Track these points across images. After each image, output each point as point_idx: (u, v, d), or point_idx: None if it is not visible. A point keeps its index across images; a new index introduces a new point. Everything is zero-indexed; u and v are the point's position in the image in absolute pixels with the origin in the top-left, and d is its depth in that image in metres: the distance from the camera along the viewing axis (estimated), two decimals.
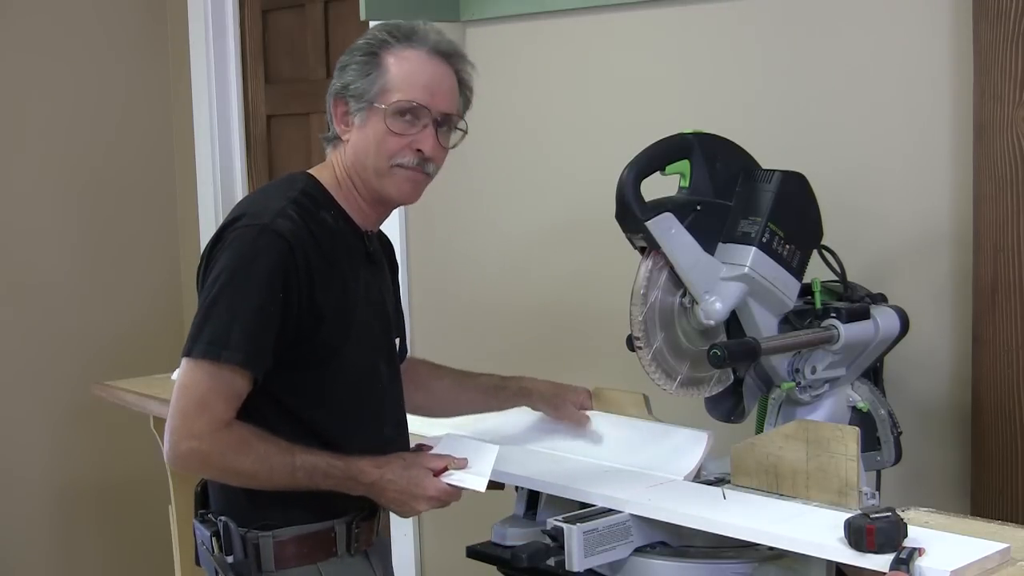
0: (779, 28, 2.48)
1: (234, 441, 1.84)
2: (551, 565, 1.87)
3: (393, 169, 1.95)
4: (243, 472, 1.86)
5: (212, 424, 1.83)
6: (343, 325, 1.93)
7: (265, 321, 1.84)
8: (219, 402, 1.83)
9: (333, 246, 1.93)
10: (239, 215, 1.91)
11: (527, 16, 2.90)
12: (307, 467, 1.86)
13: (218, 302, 1.85)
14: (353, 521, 1.98)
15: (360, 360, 1.97)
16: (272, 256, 1.84)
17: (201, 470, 1.92)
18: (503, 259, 3.05)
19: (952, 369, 2.26)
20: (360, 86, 1.94)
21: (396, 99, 1.92)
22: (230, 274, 1.85)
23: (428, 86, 1.94)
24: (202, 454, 1.84)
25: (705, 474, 2.07)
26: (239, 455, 1.84)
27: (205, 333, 1.84)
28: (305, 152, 3.74)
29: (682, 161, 1.96)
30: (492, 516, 2.12)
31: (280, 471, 1.85)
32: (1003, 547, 1.66)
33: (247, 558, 1.92)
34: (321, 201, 1.96)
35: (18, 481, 3.82)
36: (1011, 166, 2.09)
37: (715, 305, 1.95)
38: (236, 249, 1.86)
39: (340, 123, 1.98)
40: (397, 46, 1.95)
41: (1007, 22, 2.08)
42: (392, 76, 1.93)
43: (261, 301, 1.84)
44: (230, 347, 1.82)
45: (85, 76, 3.92)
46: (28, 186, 3.82)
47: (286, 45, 3.80)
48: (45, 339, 3.85)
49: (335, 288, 1.91)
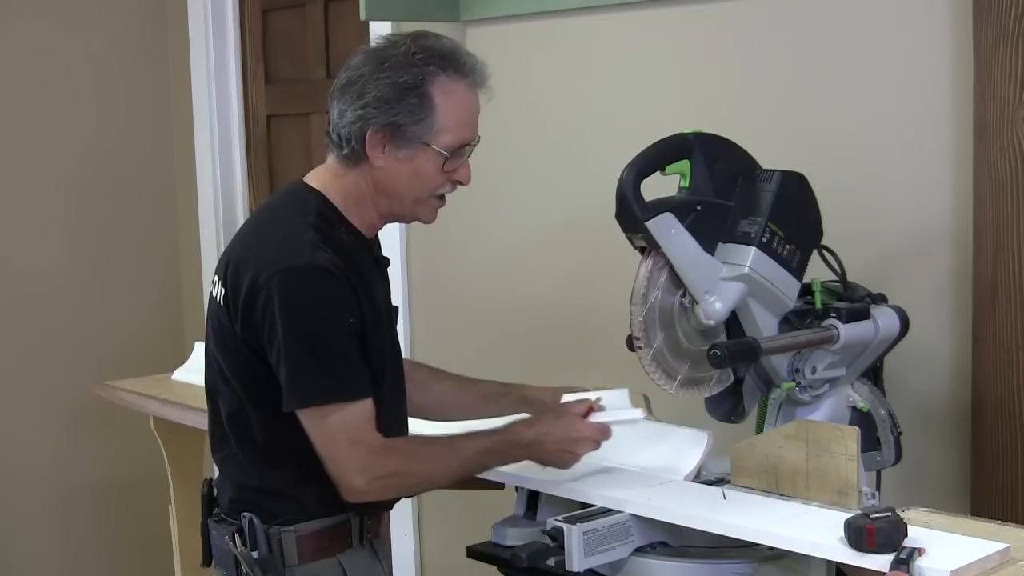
0: (779, 28, 2.48)
1: (405, 457, 1.94)
2: (551, 565, 1.87)
3: (431, 199, 1.97)
4: (420, 483, 2.01)
5: (373, 451, 1.89)
6: (381, 344, 1.97)
7: (353, 350, 1.89)
8: (367, 432, 1.89)
9: (354, 265, 1.93)
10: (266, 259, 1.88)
11: (527, 16, 2.90)
12: (473, 454, 1.95)
13: (303, 351, 1.86)
14: (366, 512, 2.01)
15: (383, 368, 1.98)
16: (329, 290, 1.86)
17: (381, 493, 1.96)
18: (503, 259, 3.05)
19: (952, 369, 2.26)
20: (416, 130, 1.90)
21: (448, 141, 1.92)
22: (300, 317, 1.86)
23: (472, 122, 1.96)
24: (381, 479, 1.91)
25: (705, 474, 2.07)
26: (414, 469, 1.94)
27: (315, 382, 1.86)
28: (305, 152, 3.74)
29: (682, 161, 1.96)
30: (492, 516, 2.12)
31: (451, 469, 1.96)
32: (1003, 547, 1.65)
33: (271, 553, 1.95)
34: (333, 220, 1.95)
35: (18, 481, 3.82)
36: (1011, 166, 2.09)
37: (715, 305, 1.95)
38: (293, 292, 1.86)
39: (375, 150, 1.92)
40: (443, 78, 1.90)
41: (1007, 22, 2.07)
42: (442, 115, 1.90)
43: (341, 333, 1.87)
44: (347, 385, 1.88)
45: (85, 76, 3.92)
46: (28, 186, 3.82)
47: (286, 45, 3.80)
48: (45, 339, 3.85)
49: (368, 308, 1.93)
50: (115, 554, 4.02)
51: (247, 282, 1.89)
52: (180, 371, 3.08)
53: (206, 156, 3.93)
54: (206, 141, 3.92)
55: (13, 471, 3.80)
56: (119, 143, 4.00)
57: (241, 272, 1.91)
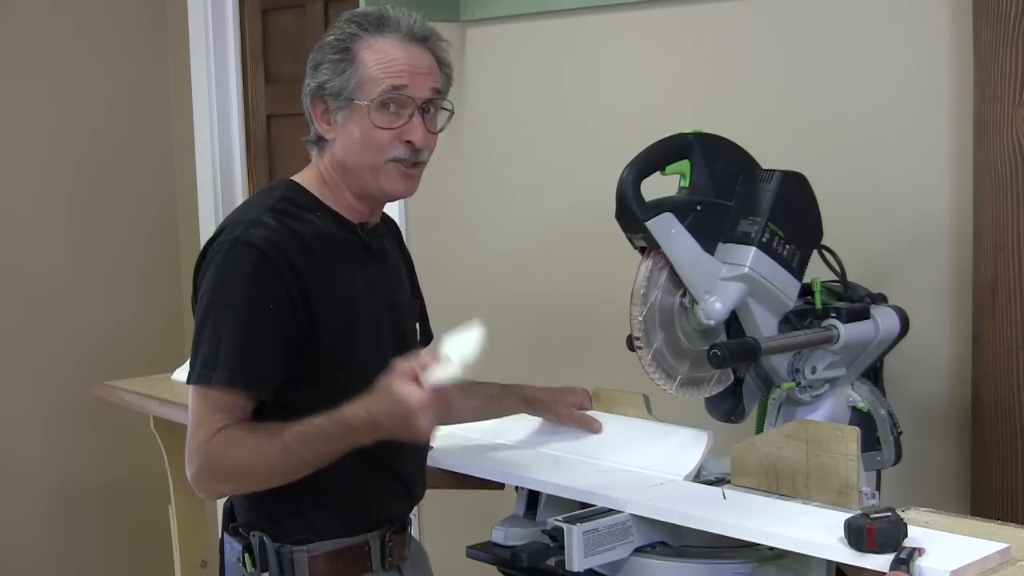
0: (779, 28, 2.48)
1: (223, 442, 1.79)
2: (551, 565, 1.87)
3: (387, 164, 1.90)
4: (241, 469, 1.80)
5: (206, 437, 1.80)
6: (345, 326, 1.89)
7: (252, 335, 1.81)
8: (213, 417, 1.80)
9: (323, 245, 1.89)
10: (219, 231, 1.89)
11: (527, 16, 2.90)
12: (298, 439, 1.77)
13: (205, 325, 1.83)
14: (386, 534, 1.96)
15: (370, 357, 1.89)
16: (248, 269, 1.81)
17: (211, 485, 1.85)
18: (502, 258, 3.05)
19: (952, 369, 2.26)
20: (336, 84, 1.89)
21: (376, 93, 1.87)
22: (211, 294, 1.84)
23: (407, 73, 1.88)
24: (204, 468, 1.81)
25: (705, 474, 2.07)
26: (231, 453, 1.79)
27: (198, 357, 1.83)
28: (305, 152, 3.72)
29: (682, 161, 1.96)
30: (492, 516, 2.12)
31: (275, 456, 1.78)
32: (1003, 547, 1.65)
33: (283, 574, 1.89)
34: (305, 203, 1.93)
35: (18, 481, 3.82)
36: (1011, 166, 2.09)
37: (715, 305, 1.95)
38: (214, 267, 1.85)
39: (322, 123, 1.94)
40: (368, 36, 1.89)
41: (1007, 22, 2.07)
42: (368, 69, 1.87)
43: (244, 315, 1.81)
44: (218, 368, 1.80)
45: (85, 76, 3.92)
46: (28, 186, 3.82)
47: (286, 45, 3.80)
48: (45, 339, 3.85)
49: (330, 289, 1.88)
50: (115, 554, 4.02)
51: (197, 261, 1.91)
52: (180, 371, 3.08)
53: (206, 156, 3.93)
54: (206, 141, 3.92)
55: (13, 471, 3.81)
56: (119, 143, 4.00)
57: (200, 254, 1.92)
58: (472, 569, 2.15)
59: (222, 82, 3.90)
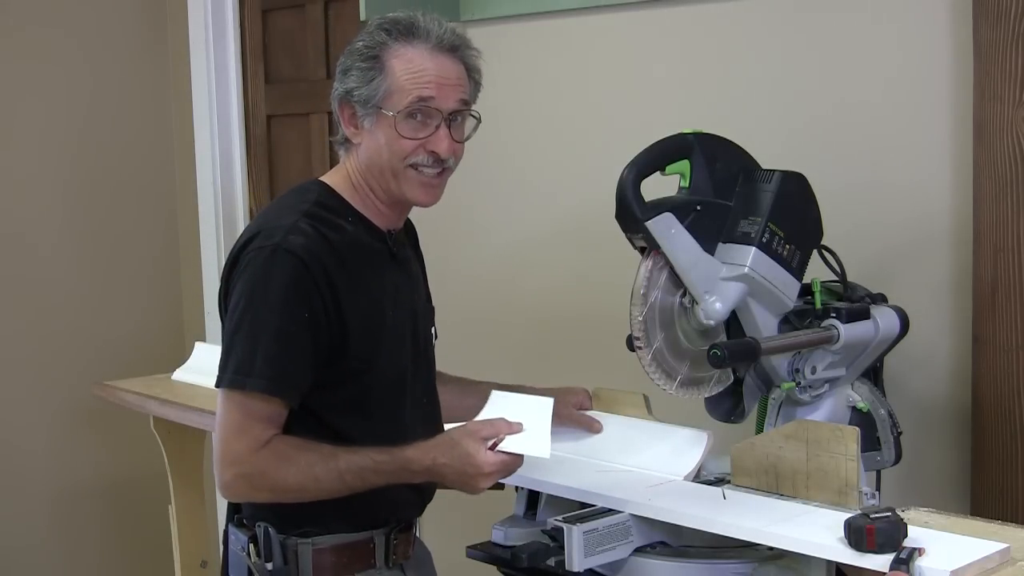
0: (779, 28, 2.48)
1: (274, 457, 1.81)
2: (551, 565, 1.87)
3: (408, 170, 1.90)
4: (291, 487, 1.82)
5: (251, 446, 1.81)
6: (373, 336, 1.90)
7: (288, 343, 1.82)
8: (255, 426, 1.82)
9: (355, 255, 1.90)
10: (253, 234, 1.88)
11: (527, 16, 2.90)
12: (353, 469, 1.81)
13: (240, 329, 1.83)
14: (392, 532, 1.96)
15: (393, 363, 1.93)
16: (287, 277, 1.81)
17: (250, 494, 1.88)
18: (503, 258, 3.05)
19: (952, 369, 2.26)
20: (364, 92, 1.88)
21: (403, 103, 1.87)
22: (248, 300, 1.83)
23: (434, 85, 1.88)
24: (246, 477, 1.82)
25: (705, 474, 2.07)
26: (281, 470, 1.81)
27: (231, 362, 1.83)
28: (305, 152, 3.74)
29: (682, 161, 1.96)
30: (492, 516, 2.12)
31: (327, 479, 1.82)
32: (1003, 547, 1.65)
33: (287, 565, 1.89)
34: (337, 209, 1.93)
35: (18, 481, 3.82)
36: (1011, 166, 2.09)
37: (715, 305, 1.95)
38: (251, 272, 1.84)
39: (349, 126, 1.93)
40: (398, 45, 1.89)
41: (1007, 22, 2.08)
42: (396, 79, 1.87)
43: (281, 323, 1.81)
44: (254, 375, 1.80)
45: (85, 76, 3.92)
46: (28, 186, 3.82)
47: (286, 45, 3.80)
48: (45, 339, 3.85)
49: (360, 299, 1.88)
50: (115, 554, 4.02)
51: (229, 264, 1.90)
52: (180, 371, 3.09)
53: (206, 156, 3.93)
54: (206, 141, 3.92)
55: (13, 471, 3.80)
56: (119, 143, 4.00)
57: (231, 257, 1.91)
58: (472, 569, 2.15)
59: (222, 82, 3.90)
